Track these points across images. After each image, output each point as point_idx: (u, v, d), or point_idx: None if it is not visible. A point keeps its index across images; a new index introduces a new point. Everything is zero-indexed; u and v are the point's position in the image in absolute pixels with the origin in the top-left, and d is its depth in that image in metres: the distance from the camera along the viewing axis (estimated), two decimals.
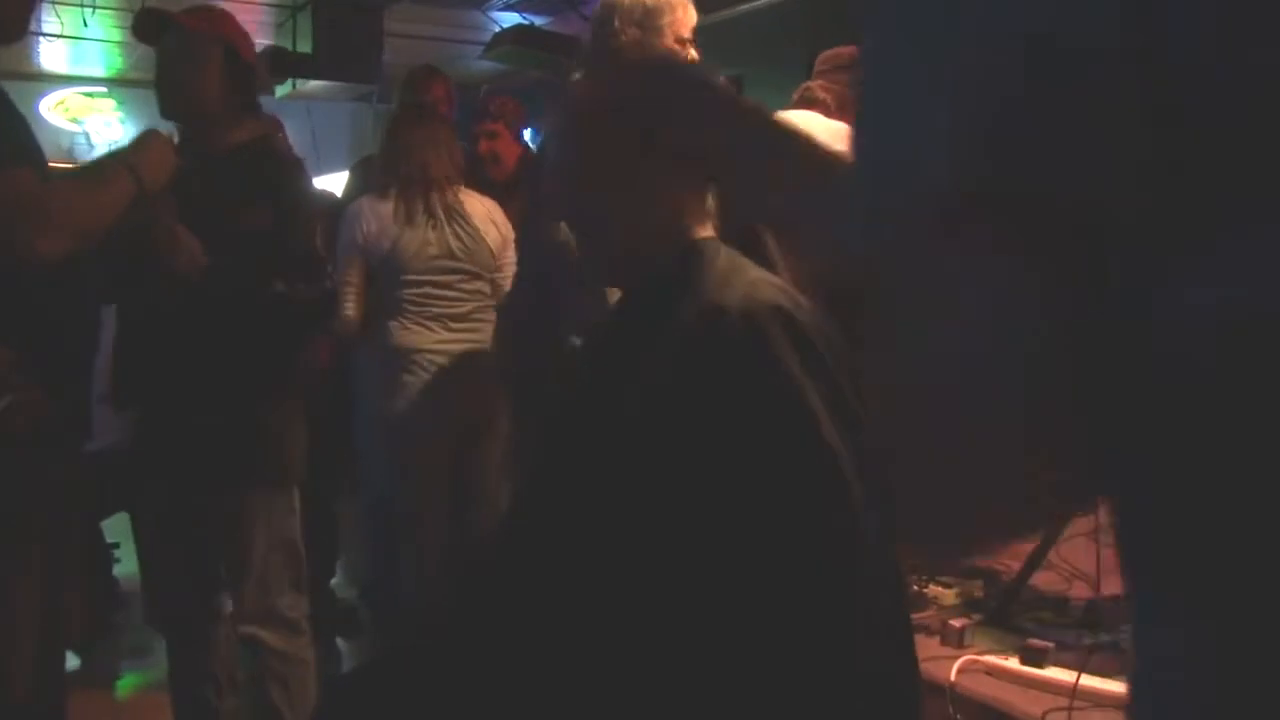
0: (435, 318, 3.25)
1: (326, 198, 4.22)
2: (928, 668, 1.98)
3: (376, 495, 3.43)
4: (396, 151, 3.29)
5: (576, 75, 2.54)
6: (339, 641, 3.86)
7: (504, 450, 3.34)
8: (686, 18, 2.49)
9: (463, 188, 3.34)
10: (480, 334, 3.29)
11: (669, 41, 2.47)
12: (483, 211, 3.35)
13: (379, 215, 3.21)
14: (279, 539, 2.45)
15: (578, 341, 2.22)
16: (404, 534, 3.31)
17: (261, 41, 7.51)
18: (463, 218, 3.28)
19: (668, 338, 1.50)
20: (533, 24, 6.82)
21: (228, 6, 2.61)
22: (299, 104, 7.09)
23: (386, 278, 3.21)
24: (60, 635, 2.07)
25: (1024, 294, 0.55)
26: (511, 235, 3.32)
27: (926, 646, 2.10)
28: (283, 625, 2.48)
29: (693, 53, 2.50)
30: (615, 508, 1.50)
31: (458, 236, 3.26)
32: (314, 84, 6.87)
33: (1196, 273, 0.50)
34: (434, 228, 3.22)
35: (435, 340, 3.24)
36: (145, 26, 2.41)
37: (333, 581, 4.00)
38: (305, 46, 6.64)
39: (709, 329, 1.47)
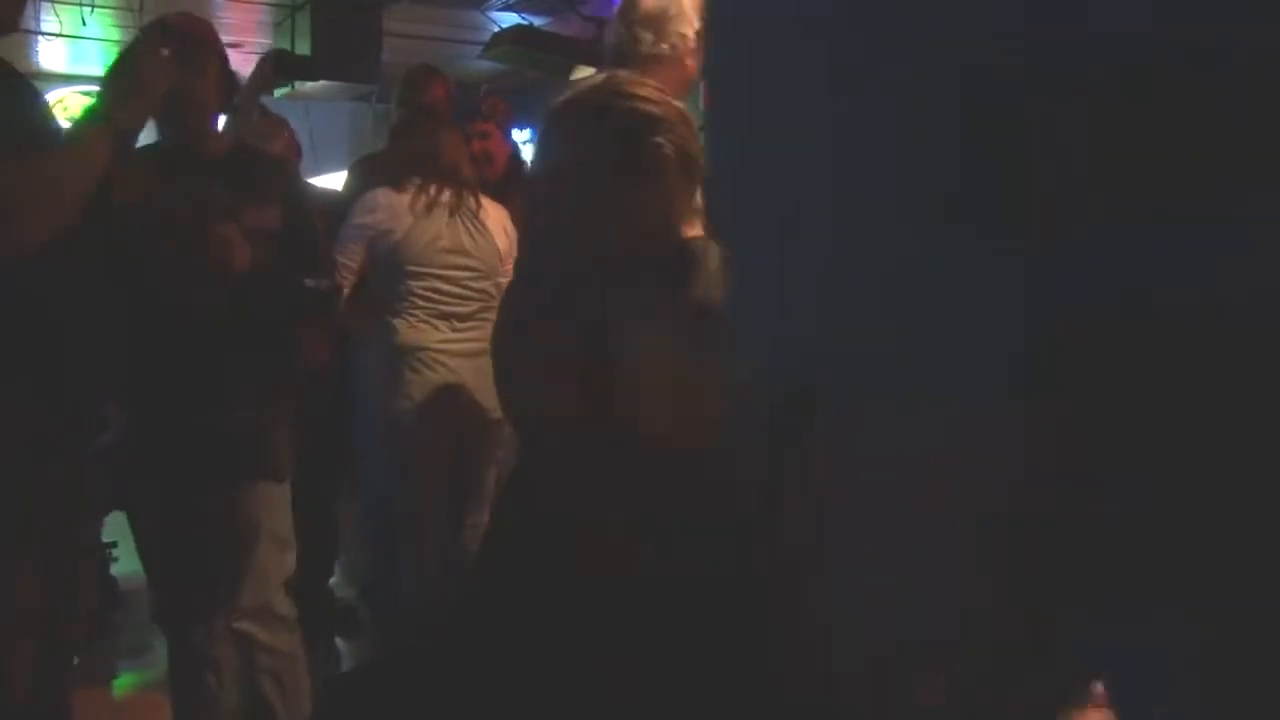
0: (441, 316, 3.26)
1: (328, 195, 4.23)
2: None
3: (376, 495, 3.43)
4: (424, 149, 3.30)
5: (592, 74, 2.52)
6: (338, 641, 3.86)
7: (504, 450, 3.34)
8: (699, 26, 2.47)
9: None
10: (484, 334, 3.29)
11: (688, 50, 2.46)
12: (496, 216, 3.39)
13: (393, 205, 3.23)
14: (277, 537, 2.50)
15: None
16: (404, 534, 3.31)
17: (260, 41, 7.52)
18: (477, 219, 3.31)
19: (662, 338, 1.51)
20: (531, 24, 6.82)
21: (227, 5, 2.65)
22: (298, 104, 7.08)
23: (392, 269, 3.22)
24: (62, 635, 2.07)
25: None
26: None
27: None
28: (277, 622, 2.51)
29: (691, 62, 2.49)
30: (610, 507, 1.50)
31: (470, 234, 3.27)
32: (313, 83, 6.87)
33: (1190, 262, 0.50)
34: (448, 223, 3.24)
35: (440, 339, 3.25)
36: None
37: (331, 581, 4.00)
38: (304, 46, 6.63)
39: (701, 328, 1.48)
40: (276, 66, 3.81)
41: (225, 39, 2.67)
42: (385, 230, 3.20)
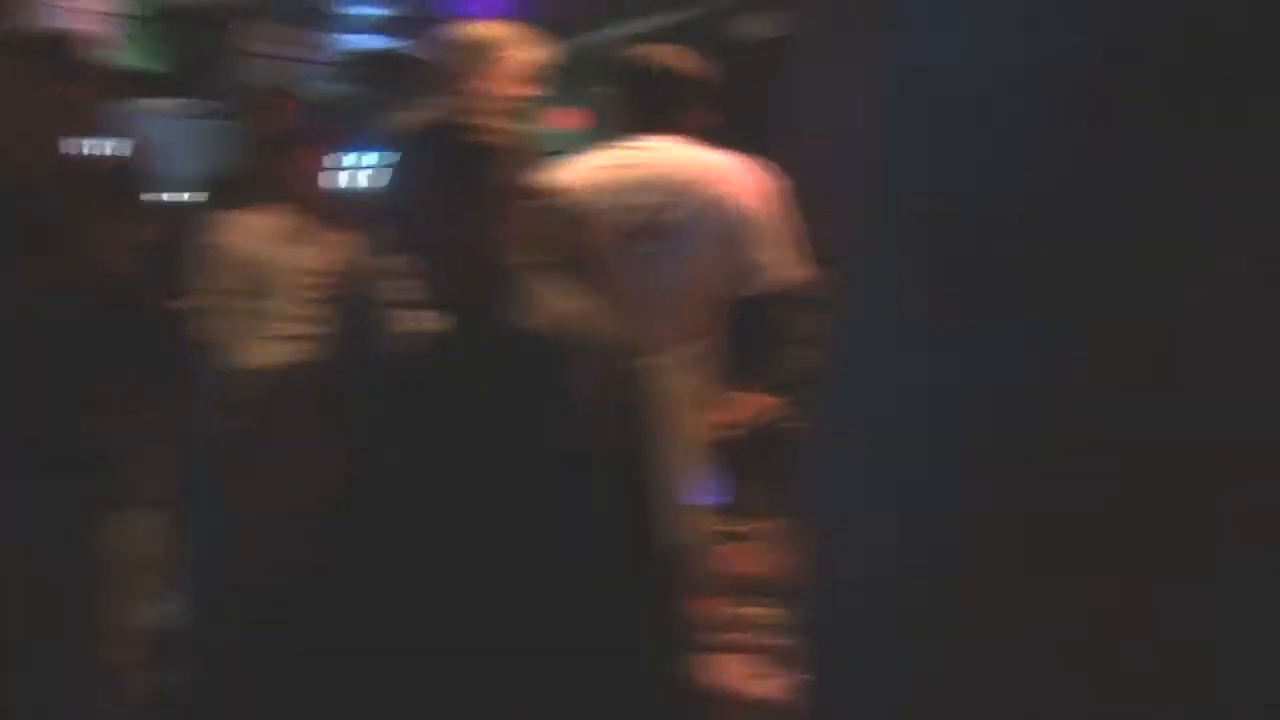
0: (287, 337, 3.26)
1: (181, 210, 4.19)
2: None
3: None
4: (284, 173, 3.31)
5: (418, 102, 2.61)
6: None
7: None
8: (525, 57, 2.61)
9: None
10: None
11: (502, 79, 2.58)
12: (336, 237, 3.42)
13: (249, 226, 3.24)
14: (149, 567, 2.45)
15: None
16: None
17: (110, 53, 7.36)
18: (324, 239, 3.33)
19: (492, 364, 1.62)
20: (383, 48, 6.86)
21: (80, 17, 2.67)
22: (145, 120, 6.96)
23: (251, 291, 3.22)
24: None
25: None
26: None
27: None
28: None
29: (533, 89, 2.61)
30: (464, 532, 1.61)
31: (319, 255, 3.28)
32: (161, 99, 6.75)
33: None
34: (301, 245, 3.25)
35: (283, 360, 3.25)
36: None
37: None
38: (154, 62, 6.52)
39: (525, 355, 1.61)
40: (130, 84, 3.78)
41: None
42: (240, 248, 3.21)
